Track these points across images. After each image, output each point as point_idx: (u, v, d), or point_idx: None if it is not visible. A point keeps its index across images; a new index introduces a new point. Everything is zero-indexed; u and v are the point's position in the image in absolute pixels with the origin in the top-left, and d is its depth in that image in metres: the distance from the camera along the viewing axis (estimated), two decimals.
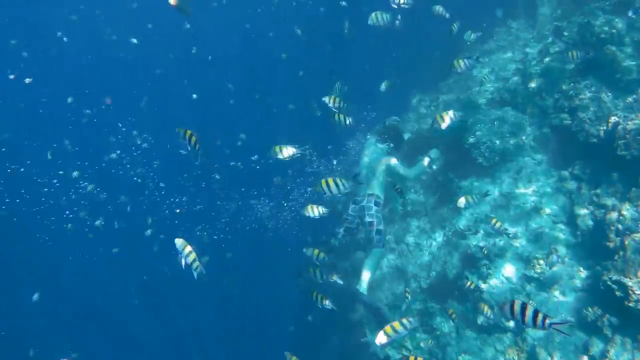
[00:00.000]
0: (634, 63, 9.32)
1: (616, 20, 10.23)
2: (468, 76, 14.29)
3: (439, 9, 9.59)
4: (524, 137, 10.52)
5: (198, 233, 17.96)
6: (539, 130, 10.54)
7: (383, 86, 11.66)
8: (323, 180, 7.14)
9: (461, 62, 8.00)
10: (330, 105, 8.38)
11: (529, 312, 4.28)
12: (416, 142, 12.92)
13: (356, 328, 10.81)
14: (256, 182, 16.92)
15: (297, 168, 15.16)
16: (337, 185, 7.10)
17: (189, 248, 5.68)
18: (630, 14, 9.66)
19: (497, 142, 10.52)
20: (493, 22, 15.85)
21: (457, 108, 12.63)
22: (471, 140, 10.76)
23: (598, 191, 8.16)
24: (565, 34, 11.23)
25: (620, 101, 8.84)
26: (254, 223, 16.79)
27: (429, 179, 12.11)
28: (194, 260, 5.64)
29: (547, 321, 4.22)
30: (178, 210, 17.27)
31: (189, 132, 6.15)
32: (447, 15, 9.55)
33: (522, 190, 9.74)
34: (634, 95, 8.58)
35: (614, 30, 10.00)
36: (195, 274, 5.63)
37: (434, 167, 11.17)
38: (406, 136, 11.79)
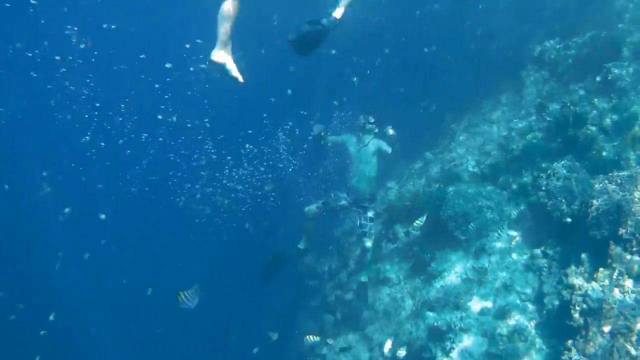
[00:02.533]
0: (612, 144, 9.50)
1: (598, 100, 10.52)
2: (453, 147, 14.54)
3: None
4: (500, 213, 10.62)
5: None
6: (516, 206, 10.64)
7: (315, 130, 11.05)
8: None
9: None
10: None
11: None
12: (396, 209, 13.08)
13: None
14: None
15: None
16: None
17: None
18: None
19: (474, 216, 10.59)
20: (479, 95, 16.22)
21: (439, 179, 12.85)
22: (449, 212, 10.83)
23: (567, 271, 8.20)
24: (549, 112, 11.51)
25: (596, 182, 8.95)
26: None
27: (404, 247, 12.14)
28: None
29: None
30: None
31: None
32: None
33: (495, 266, 9.78)
34: (610, 177, 8.71)
35: (595, 111, 10.26)
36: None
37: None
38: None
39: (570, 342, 7.07)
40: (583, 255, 8.10)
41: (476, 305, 9.21)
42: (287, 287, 15.05)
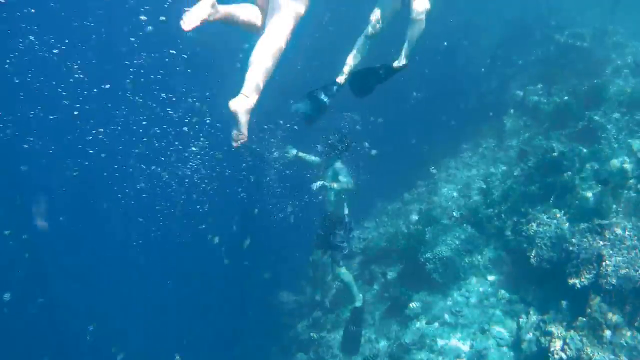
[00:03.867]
0: (592, 192, 9.62)
1: (579, 148, 10.70)
2: (432, 190, 14.64)
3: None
4: (479, 257, 10.67)
5: None
6: (495, 251, 10.70)
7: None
8: None
9: None
10: None
11: None
12: (373, 249, 13.10)
13: None
14: None
15: None
16: None
17: None
18: None
19: (452, 259, 10.62)
20: (460, 138, 16.40)
21: (418, 220, 12.90)
22: (427, 254, 10.84)
23: (545, 317, 8.22)
24: (530, 157, 11.66)
25: (576, 229, 9.02)
26: None
27: (381, 288, 12.12)
28: None
29: None
30: None
31: None
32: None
33: (473, 311, 9.77)
34: (589, 224, 8.80)
35: (576, 158, 10.42)
36: None
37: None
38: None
39: None
40: (562, 303, 8.15)
41: (453, 348, 9.17)
42: (258, 324, 14.91)
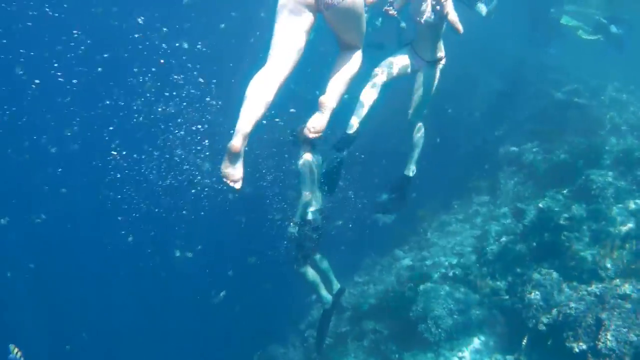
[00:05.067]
0: (590, 252, 9.49)
1: (576, 207, 10.60)
2: (424, 246, 14.48)
3: None
4: (472, 317, 10.46)
5: None
6: (488, 310, 10.47)
7: None
8: None
9: None
10: None
11: None
12: (363, 306, 12.90)
13: None
14: None
15: None
16: None
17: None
18: None
19: (445, 318, 10.42)
20: (454, 194, 16.31)
21: (409, 278, 12.71)
22: (419, 313, 10.66)
23: None
24: (525, 216, 11.55)
25: (573, 291, 8.88)
26: None
27: (370, 344, 11.87)
28: None
29: None
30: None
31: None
32: None
33: None
34: (587, 286, 8.66)
35: (572, 218, 10.32)
36: None
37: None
38: None
39: None
40: None
41: None
42: None
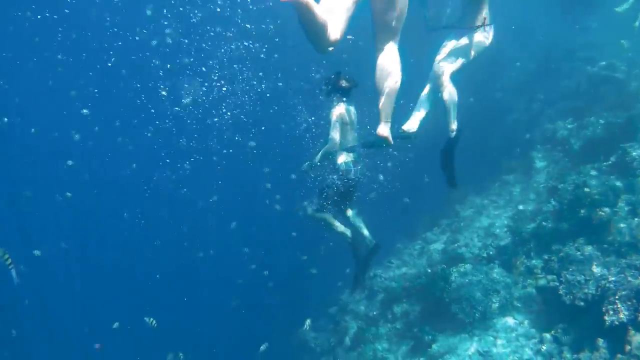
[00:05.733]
0: (627, 226, 9.24)
1: (612, 181, 10.35)
2: (457, 228, 14.31)
3: None
4: (507, 296, 10.28)
5: None
6: (523, 289, 10.29)
7: None
8: None
9: None
10: None
11: None
12: (395, 289, 12.80)
13: None
14: None
15: None
16: None
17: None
18: None
19: (480, 298, 10.27)
20: (486, 176, 16.09)
21: (442, 260, 12.59)
22: (452, 294, 10.54)
23: (581, 356, 7.84)
24: (561, 193, 11.30)
25: (612, 265, 8.67)
26: None
27: (402, 327, 11.77)
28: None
29: None
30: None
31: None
32: None
33: (501, 351, 9.37)
34: (626, 260, 8.45)
35: (609, 192, 10.07)
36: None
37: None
38: None
39: None
40: (599, 341, 7.74)
41: None
42: None
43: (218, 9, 15.14)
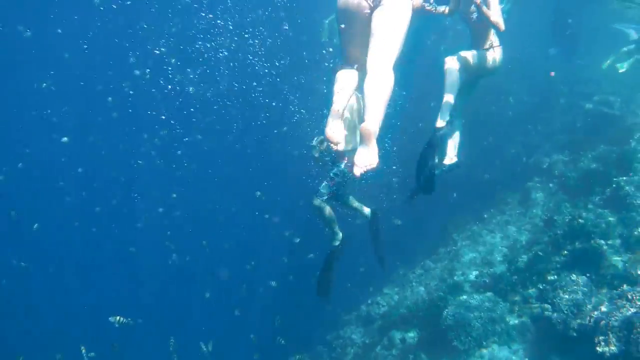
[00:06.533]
0: (620, 258, 9.50)
1: (607, 214, 10.63)
2: (454, 256, 14.54)
3: None
4: (502, 325, 10.49)
5: None
6: (518, 319, 10.51)
7: None
8: None
9: None
10: None
11: None
12: (393, 315, 13.03)
13: None
14: None
15: None
16: None
17: None
18: None
19: (475, 327, 10.48)
20: (484, 206, 16.34)
21: (439, 287, 12.81)
22: (449, 321, 10.73)
23: None
24: (556, 224, 11.59)
25: (604, 296, 8.90)
26: None
27: (398, 353, 11.96)
28: None
29: None
30: None
31: None
32: None
33: None
34: (619, 291, 8.67)
35: (603, 225, 10.35)
36: None
37: None
38: None
39: None
40: None
41: None
42: None
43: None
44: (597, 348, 7.93)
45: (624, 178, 11.38)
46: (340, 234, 8.62)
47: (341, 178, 6.62)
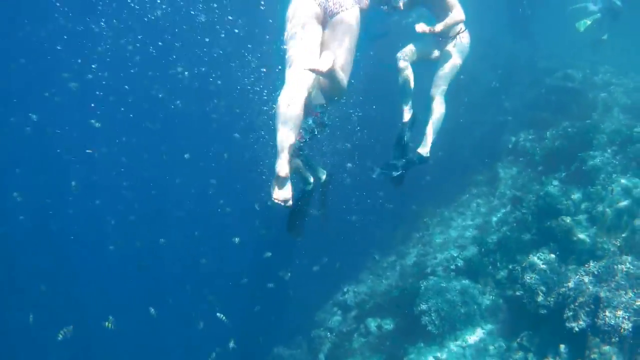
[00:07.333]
0: (587, 234, 9.60)
1: (573, 190, 10.72)
2: (427, 241, 14.57)
3: None
4: (475, 307, 10.56)
5: None
6: (490, 299, 10.61)
7: None
8: None
9: None
10: None
11: None
12: (368, 302, 13.06)
13: None
14: None
15: None
16: None
17: None
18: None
19: (448, 310, 10.53)
20: (454, 188, 16.37)
21: (413, 273, 12.84)
22: (422, 307, 10.76)
23: None
24: (524, 204, 11.67)
25: (572, 272, 8.97)
26: None
27: (375, 341, 11.98)
28: None
29: None
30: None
31: None
32: None
33: None
34: (586, 267, 8.74)
35: (570, 201, 10.43)
36: None
37: None
38: None
39: None
40: (561, 347, 8.03)
41: None
42: None
43: None
44: (567, 324, 8.03)
45: (587, 153, 11.49)
46: (311, 178, 8.50)
47: (310, 133, 6.58)
